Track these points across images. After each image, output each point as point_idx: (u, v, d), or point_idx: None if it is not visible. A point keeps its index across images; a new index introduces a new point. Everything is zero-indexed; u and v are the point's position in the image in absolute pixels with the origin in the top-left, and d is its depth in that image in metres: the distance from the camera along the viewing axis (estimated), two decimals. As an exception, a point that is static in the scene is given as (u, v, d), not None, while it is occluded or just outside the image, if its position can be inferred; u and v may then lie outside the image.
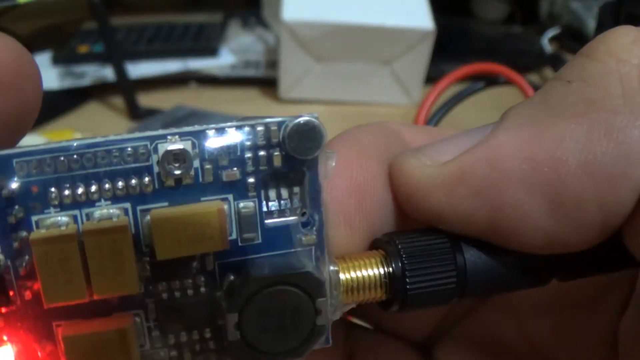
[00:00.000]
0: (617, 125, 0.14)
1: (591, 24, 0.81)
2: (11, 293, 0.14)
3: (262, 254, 0.16)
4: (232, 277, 0.15)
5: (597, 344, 0.18)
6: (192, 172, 0.15)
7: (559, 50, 0.85)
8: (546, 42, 0.84)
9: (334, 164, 0.16)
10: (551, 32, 0.86)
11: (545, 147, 0.15)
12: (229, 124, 0.15)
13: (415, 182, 0.16)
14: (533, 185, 0.15)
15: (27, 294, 0.14)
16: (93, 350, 0.14)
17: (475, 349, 0.21)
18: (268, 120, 0.15)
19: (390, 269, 0.16)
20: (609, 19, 0.60)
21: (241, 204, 0.15)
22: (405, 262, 0.16)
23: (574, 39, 0.84)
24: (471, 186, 0.15)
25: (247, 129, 0.15)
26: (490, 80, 0.62)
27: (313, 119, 0.15)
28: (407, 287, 0.16)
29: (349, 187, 0.17)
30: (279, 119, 0.15)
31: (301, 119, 0.15)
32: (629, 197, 0.14)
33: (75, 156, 0.14)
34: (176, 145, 0.14)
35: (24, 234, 0.14)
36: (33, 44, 0.79)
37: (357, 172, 0.17)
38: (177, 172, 0.14)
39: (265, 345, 0.15)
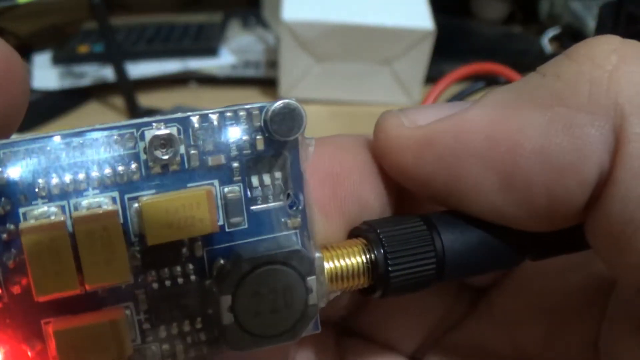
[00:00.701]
0: (576, 121, 0.15)
1: (591, 24, 0.81)
2: None
3: (249, 239, 0.16)
4: (222, 262, 0.15)
5: (584, 352, 0.18)
6: (179, 158, 0.15)
7: (559, 50, 0.84)
8: (546, 42, 0.84)
9: (312, 149, 0.17)
10: (551, 32, 0.86)
11: (507, 128, 0.16)
12: (212, 110, 0.15)
13: (390, 139, 0.17)
14: (489, 161, 0.16)
15: (16, 289, 0.14)
16: (85, 344, 0.14)
17: (465, 359, 0.21)
18: (249, 105, 0.15)
19: (373, 256, 0.17)
20: (609, 19, 0.60)
21: (227, 189, 0.15)
22: (387, 248, 0.16)
23: (574, 39, 0.84)
24: (436, 152, 0.16)
25: (229, 114, 0.15)
26: (490, 80, 0.62)
27: (292, 102, 0.15)
28: (390, 272, 0.16)
29: (323, 177, 0.17)
30: (260, 104, 0.15)
31: (281, 102, 0.15)
32: (578, 190, 0.15)
33: (61, 146, 0.14)
34: (163, 131, 0.14)
35: (11, 226, 0.14)
36: (33, 44, 0.79)
37: (330, 163, 0.18)
38: (165, 157, 0.14)
39: (259, 329, 0.15)
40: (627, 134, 0.14)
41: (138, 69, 0.73)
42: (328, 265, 0.16)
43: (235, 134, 0.15)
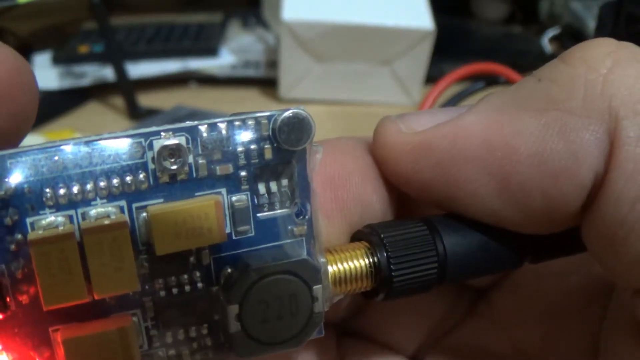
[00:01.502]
0: (571, 125, 0.15)
1: (591, 24, 0.81)
2: (7, 299, 0.14)
3: (256, 247, 0.16)
4: (229, 270, 0.15)
5: (584, 353, 0.18)
6: (187, 168, 0.15)
7: (559, 50, 0.84)
8: (546, 42, 0.84)
9: (320, 156, 0.17)
10: (551, 32, 0.86)
11: (503, 133, 0.16)
12: (220, 119, 0.15)
13: (389, 146, 0.17)
14: (486, 166, 0.16)
15: (24, 299, 0.14)
16: (94, 352, 0.14)
17: (465, 359, 0.21)
18: (258, 114, 0.15)
19: (376, 259, 0.17)
20: (609, 19, 0.60)
21: (234, 198, 0.15)
22: (390, 251, 0.16)
23: (574, 39, 0.84)
24: (433, 158, 0.17)
25: (238, 123, 0.15)
26: (490, 80, 0.62)
27: (301, 111, 0.15)
28: (393, 275, 0.16)
29: (325, 181, 0.17)
30: (269, 113, 0.15)
31: (290, 112, 0.15)
32: (573, 193, 0.15)
33: (69, 155, 0.14)
34: (171, 141, 0.14)
35: (19, 236, 0.14)
36: (33, 44, 0.79)
37: (332, 166, 0.18)
38: (173, 167, 0.14)
39: (265, 336, 0.15)
40: (620, 137, 0.14)
41: (138, 69, 0.73)
42: (332, 269, 0.16)
43: (243, 143, 0.15)
